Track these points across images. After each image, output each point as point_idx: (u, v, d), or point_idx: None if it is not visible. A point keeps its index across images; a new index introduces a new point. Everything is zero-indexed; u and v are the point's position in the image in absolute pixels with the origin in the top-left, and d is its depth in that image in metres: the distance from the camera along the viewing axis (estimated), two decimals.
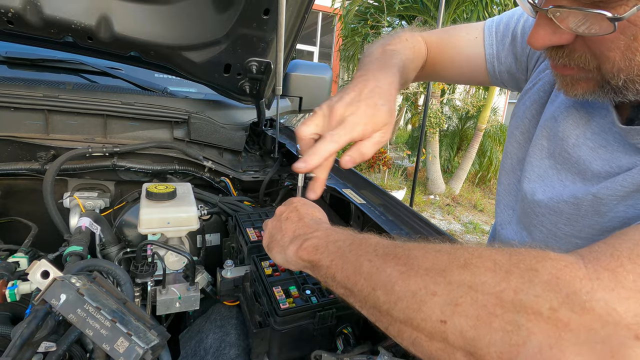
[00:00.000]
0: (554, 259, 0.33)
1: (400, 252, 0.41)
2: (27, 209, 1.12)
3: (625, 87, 0.46)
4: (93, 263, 0.72)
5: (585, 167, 0.56)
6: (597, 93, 0.50)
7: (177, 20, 1.03)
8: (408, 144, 7.61)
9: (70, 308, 0.48)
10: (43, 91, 1.09)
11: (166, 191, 0.91)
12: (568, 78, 0.52)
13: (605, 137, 0.55)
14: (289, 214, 0.61)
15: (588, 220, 0.54)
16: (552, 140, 0.62)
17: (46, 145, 1.08)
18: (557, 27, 0.45)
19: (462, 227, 5.12)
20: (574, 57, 0.48)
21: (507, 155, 0.74)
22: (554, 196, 0.59)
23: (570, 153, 0.59)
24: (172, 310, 0.85)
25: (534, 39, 0.48)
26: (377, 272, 0.40)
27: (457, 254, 0.37)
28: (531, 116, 0.69)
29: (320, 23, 8.75)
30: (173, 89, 1.51)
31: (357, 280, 0.42)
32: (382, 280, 0.39)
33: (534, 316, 0.30)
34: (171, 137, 1.23)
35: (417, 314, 0.35)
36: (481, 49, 0.77)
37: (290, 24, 1.11)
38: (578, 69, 0.49)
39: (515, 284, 0.32)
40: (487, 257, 0.35)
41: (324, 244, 0.50)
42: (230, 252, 1.05)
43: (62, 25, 0.96)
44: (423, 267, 0.37)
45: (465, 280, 0.34)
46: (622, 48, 0.43)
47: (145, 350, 0.47)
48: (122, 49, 1.08)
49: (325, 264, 0.47)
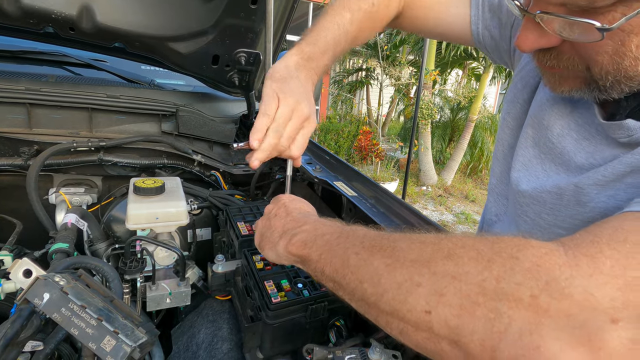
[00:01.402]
0: (535, 246, 0.33)
1: (386, 243, 0.42)
2: (11, 205, 1.09)
3: (611, 87, 0.47)
4: (79, 260, 0.71)
5: (569, 159, 0.57)
6: (584, 91, 0.50)
7: (162, 10, 1.01)
8: (400, 136, 7.63)
9: (54, 307, 0.47)
10: (25, 84, 1.05)
11: (154, 186, 0.90)
12: (556, 75, 0.52)
13: (589, 129, 0.55)
14: (277, 211, 0.62)
15: (570, 210, 0.55)
16: (537, 129, 0.62)
17: (29, 140, 1.05)
18: (545, 31, 0.45)
19: (454, 218, 5.18)
20: (562, 59, 0.49)
21: (500, 142, 0.73)
22: (537, 186, 0.60)
23: (555, 143, 0.59)
24: (162, 306, 0.84)
25: (522, 42, 0.48)
26: (364, 265, 0.41)
27: (442, 244, 0.38)
28: (523, 101, 0.68)
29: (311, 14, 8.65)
30: (160, 81, 1.48)
31: (345, 273, 0.43)
32: (368, 273, 0.40)
33: (514, 303, 0.30)
34: (159, 131, 1.21)
35: (402, 305, 0.36)
36: (467, 8, 0.76)
37: (279, 14, 1.09)
38: (566, 69, 0.49)
39: (497, 272, 0.32)
40: (470, 246, 0.36)
41: (312, 238, 0.50)
42: (221, 247, 1.04)
43: (42, 15, 0.92)
44: (408, 259, 0.38)
45: (449, 270, 0.35)
46: (610, 52, 0.43)
47: (132, 348, 0.47)
48: (105, 39, 1.05)
49: (314, 258, 0.48)
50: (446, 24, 0.80)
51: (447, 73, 7.66)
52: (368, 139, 5.94)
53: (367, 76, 8.21)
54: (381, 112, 8.46)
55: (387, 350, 0.61)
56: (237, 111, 1.40)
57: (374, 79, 8.08)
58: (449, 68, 7.33)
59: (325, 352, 0.63)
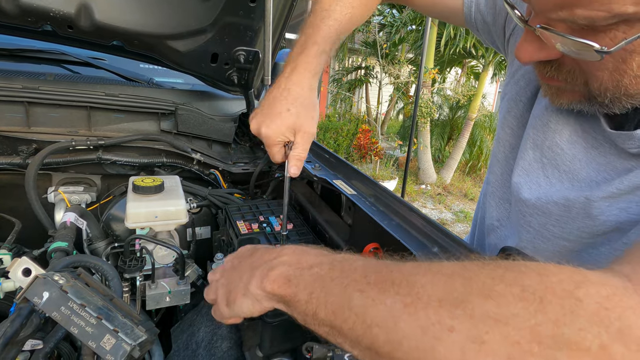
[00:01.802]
0: (596, 283, 0.28)
1: (399, 277, 0.34)
2: (10, 204, 1.09)
3: (611, 103, 0.46)
4: (79, 259, 0.71)
5: (578, 167, 0.54)
6: (584, 104, 0.49)
7: (161, 8, 1.00)
8: (399, 134, 7.63)
9: (54, 306, 0.47)
10: (23, 82, 1.05)
11: (153, 184, 0.89)
12: (554, 88, 0.51)
13: (595, 136, 0.53)
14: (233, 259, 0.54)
15: (578, 223, 0.53)
16: (541, 131, 0.59)
17: (27, 138, 1.04)
18: (545, 45, 0.44)
19: (453, 216, 5.18)
20: (562, 71, 0.47)
21: (500, 143, 0.70)
22: (541, 196, 0.57)
23: (564, 149, 0.56)
24: (162, 304, 0.84)
25: (521, 54, 0.47)
26: (372, 305, 0.33)
27: (474, 279, 0.31)
28: (526, 99, 0.65)
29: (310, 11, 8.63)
30: (159, 79, 1.48)
31: (346, 316, 0.35)
32: (380, 315, 0.33)
33: (579, 354, 0.25)
34: (158, 129, 1.21)
35: (429, 355, 0.29)
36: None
37: (278, 12, 1.08)
38: (565, 82, 0.48)
39: (555, 315, 0.27)
40: (513, 281, 0.30)
41: (297, 273, 0.41)
42: (221, 245, 1.05)
43: (40, 13, 0.92)
44: (434, 297, 0.31)
45: (490, 312, 0.28)
46: (610, 69, 0.42)
47: (132, 347, 0.47)
48: (104, 38, 1.04)
49: (303, 298, 0.39)
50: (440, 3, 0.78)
51: (446, 71, 7.67)
52: (367, 137, 5.95)
53: (366, 74, 8.21)
54: (380, 110, 8.46)
55: None
56: (236, 109, 1.40)
57: (373, 78, 8.07)
58: (448, 66, 7.33)
59: (325, 350, 0.63)
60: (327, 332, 0.38)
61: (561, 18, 0.40)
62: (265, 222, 0.97)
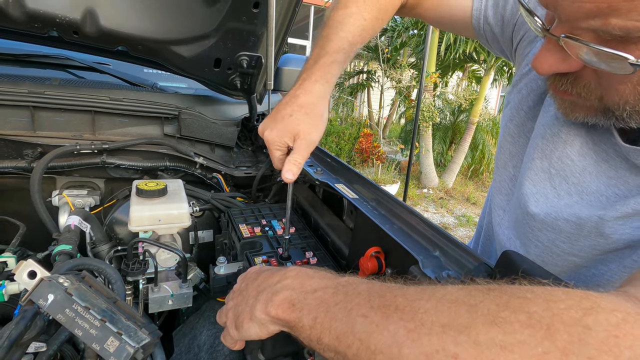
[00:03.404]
0: (606, 309, 0.27)
1: (402, 302, 0.34)
2: (14, 207, 1.10)
3: (629, 116, 0.44)
4: (82, 262, 0.71)
5: (588, 180, 0.53)
6: (599, 118, 0.48)
7: (165, 14, 1.01)
8: (401, 138, 7.63)
9: (59, 308, 0.47)
10: (28, 87, 1.06)
11: (157, 188, 0.90)
12: (567, 102, 0.49)
13: (607, 150, 0.52)
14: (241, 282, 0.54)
15: (590, 241, 0.52)
16: (551, 141, 0.57)
17: (33, 142, 1.05)
18: (567, 55, 0.41)
19: (455, 220, 5.17)
20: (577, 85, 0.45)
21: (501, 150, 0.70)
22: (550, 211, 0.56)
23: (575, 161, 0.55)
24: (164, 307, 0.85)
25: (540, 64, 0.44)
26: (376, 331, 0.33)
27: (479, 305, 0.30)
28: (527, 108, 0.64)
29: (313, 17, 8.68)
30: (163, 84, 1.49)
31: (350, 342, 0.35)
32: (384, 341, 0.32)
33: None
34: (161, 133, 1.22)
35: None
36: (469, 1, 0.74)
37: (281, 17, 1.09)
38: (578, 96, 0.46)
39: (562, 343, 0.26)
40: (518, 308, 0.29)
41: (301, 297, 0.41)
42: (223, 249, 1.05)
43: (46, 20, 0.93)
44: (438, 323, 0.31)
45: (496, 339, 0.28)
46: (635, 82, 0.40)
47: (136, 349, 0.47)
48: (109, 43, 1.06)
49: (308, 323, 0.39)
50: (449, 16, 0.78)
51: (448, 76, 7.67)
52: (369, 141, 5.95)
53: (368, 79, 8.24)
54: (382, 114, 8.47)
55: None
56: (239, 114, 1.41)
57: (374, 82, 8.10)
58: (450, 71, 7.34)
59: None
60: (333, 358, 0.37)
61: (592, 27, 0.37)
62: (267, 226, 0.97)
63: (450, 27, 0.83)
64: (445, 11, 0.79)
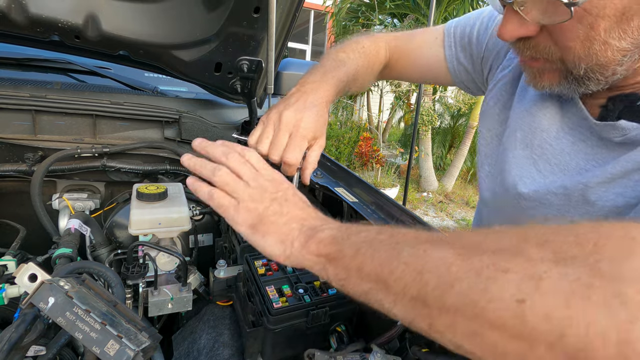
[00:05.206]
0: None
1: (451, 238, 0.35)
2: (15, 211, 1.10)
3: (586, 77, 0.50)
4: (83, 265, 0.71)
5: (568, 159, 0.59)
6: (563, 84, 0.54)
7: (166, 19, 1.02)
8: (401, 142, 7.64)
9: (59, 311, 0.47)
10: (30, 91, 1.07)
11: (157, 191, 0.90)
12: (535, 70, 0.56)
13: (582, 131, 0.58)
14: (286, 193, 0.51)
15: (579, 210, 0.55)
16: (528, 132, 0.64)
17: (34, 146, 1.06)
18: (523, 20, 0.49)
19: (455, 224, 5.16)
20: (539, 49, 0.52)
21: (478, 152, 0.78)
22: (538, 188, 0.60)
23: (553, 145, 0.61)
24: (164, 311, 0.85)
25: (504, 32, 0.52)
26: (424, 255, 0.34)
27: (527, 233, 0.31)
28: (495, 114, 0.73)
29: (312, 21, 8.73)
30: (163, 88, 1.50)
31: (394, 267, 0.35)
32: (432, 262, 0.33)
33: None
34: (162, 137, 1.22)
35: (482, 294, 0.28)
36: (441, 49, 0.83)
37: (281, 22, 1.10)
38: (544, 60, 0.53)
39: (611, 254, 0.27)
40: (566, 232, 0.30)
41: (344, 235, 0.42)
42: (223, 252, 1.05)
43: (49, 24, 0.94)
44: (489, 249, 0.31)
45: (546, 256, 0.28)
46: (582, 38, 0.46)
47: (136, 353, 0.47)
48: (110, 48, 1.06)
49: (349, 253, 0.39)
50: (426, 67, 0.88)
51: None
52: (369, 145, 5.96)
53: None
54: (382, 118, 8.49)
55: (388, 356, 0.61)
56: (239, 118, 1.41)
57: (374, 86, 8.13)
58: None
59: (326, 358, 0.63)
60: (369, 290, 0.37)
61: None
62: None
63: (431, 78, 0.91)
64: (424, 64, 0.87)
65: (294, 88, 0.70)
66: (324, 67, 0.73)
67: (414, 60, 0.88)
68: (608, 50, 0.46)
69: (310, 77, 0.71)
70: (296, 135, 0.62)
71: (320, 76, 0.70)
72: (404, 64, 0.89)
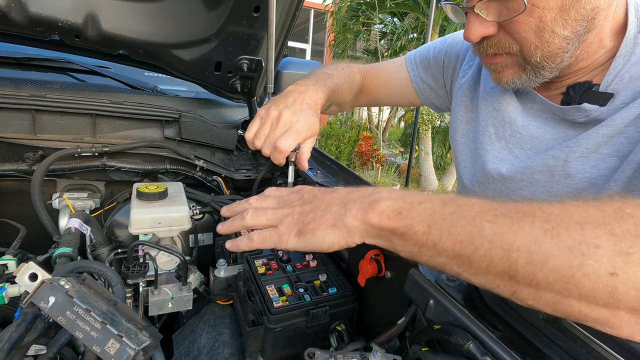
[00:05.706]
0: None
1: (528, 209, 0.35)
2: (15, 210, 1.10)
3: (541, 65, 0.58)
4: (83, 264, 0.71)
5: (537, 143, 0.67)
6: (522, 78, 0.62)
7: (166, 18, 1.02)
8: (401, 141, 7.64)
9: (60, 310, 0.48)
10: (30, 90, 1.07)
11: (157, 191, 0.90)
12: (498, 66, 0.63)
13: (544, 116, 0.67)
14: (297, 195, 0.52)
15: (562, 184, 0.62)
16: (499, 126, 0.73)
17: (34, 145, 1.06)
18: (484, 21, 0.58)
19: None
20: (500, 45, 0.60)
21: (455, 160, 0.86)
22: (523, 168, 0.67)
23: (522, 133, 0.69)
24: (164, 310, 0.85)
25: (469, 34, 0.60)
26: (509, 232, 0.34)
27: (606, 206, 0.33)
28: (459, 117, 0.83)
29: (312, 20, 8.73)
30: (163, 87, 1.50)
31: (478, 245, 0.35)
32: (520, 239, 0.33)
33: None
34: (162, 136, 1.22)
35: (576, 270, 0.31)
36: (406, 72, 0.96)
37: (281, 21, 1.10)
38: (506, 55, 0.61)
39: None
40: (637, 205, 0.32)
41: (407, 206, 0.41)
42: (223, 252, 1.05)
43: (48, 24, 0.94)
44: (574, 222, 0.33)
45: (630, 230, 0.30)
46: (534, 29, 0.55)
47: (136, 352, 0.47)
48: (110, 47, 1.06)
49: (421, 229, 0.39)
50: (396, 88, 0.98)
51: None
52: (369, 144, 5.96)
53: None
54: (382, 117, 8.49)
55: (388, 355, 0.61)
56: (239, 117, 1.42)
57: None
58: None
59: (326, 357, 0.64)
60: (445, 262, 0.38)
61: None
62: None
63: (401, 98, 1.01)
64: (394, 84, 0.97)
65: (291, 86, 0.77)
66: (315, 77, 0.82)
67: (385, 82, 0.99)
68: (555, 38, 0.54)
69: (306, 81, 0.80)
70: (292, 129, 0.67)
71: (314, 82, 0.79)
72: (376, 87, 0.99)
